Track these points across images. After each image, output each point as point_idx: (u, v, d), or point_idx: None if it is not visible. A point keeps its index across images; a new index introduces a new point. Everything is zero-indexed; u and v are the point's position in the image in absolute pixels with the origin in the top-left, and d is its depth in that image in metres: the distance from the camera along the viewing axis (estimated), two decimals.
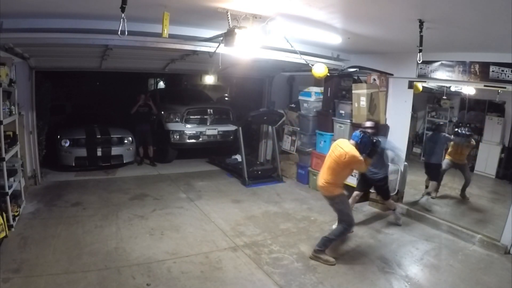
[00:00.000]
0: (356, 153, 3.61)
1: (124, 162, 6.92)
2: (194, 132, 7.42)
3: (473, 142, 5.97)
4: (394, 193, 5.33)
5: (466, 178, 5.94)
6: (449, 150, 5.90)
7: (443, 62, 4.74)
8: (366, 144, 3.69)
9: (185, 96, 8.53)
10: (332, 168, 3.71)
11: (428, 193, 5.73)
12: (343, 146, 3.70)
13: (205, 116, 7.65)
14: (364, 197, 5.56)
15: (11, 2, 2.88)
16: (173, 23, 3.40)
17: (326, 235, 3.82)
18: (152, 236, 4.11)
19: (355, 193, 4.83)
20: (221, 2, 2.98)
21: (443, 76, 4.80)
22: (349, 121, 5.67)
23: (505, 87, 4.21)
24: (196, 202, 5.32)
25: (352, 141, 3.73)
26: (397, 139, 5.44)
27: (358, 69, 5.75)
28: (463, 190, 5.95)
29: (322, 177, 3.78)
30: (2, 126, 3.81)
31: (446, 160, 5.97)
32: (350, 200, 4.62)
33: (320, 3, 2.78)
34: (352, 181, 5.62)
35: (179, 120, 7.38)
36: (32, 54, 5.03)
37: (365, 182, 4.80)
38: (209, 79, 12.86)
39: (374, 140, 3.76)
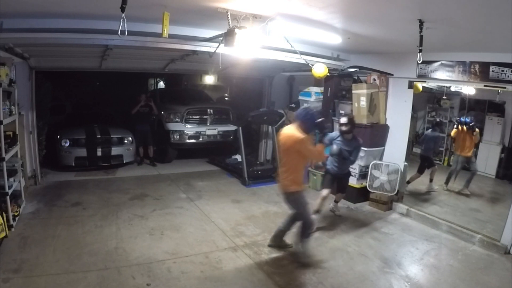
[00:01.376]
0: (297, 133, 3.32)
1: (124, 162, 6.92)
2: (194, 132, 7.41)
3: (477, 131, 6.12)
4: (394, 193, 5.34)
5: (473, 170, 6.20)
6: (456, 145, 6.11)
7: (443, 62, 4.74)
8: (309, 122, 3.39)
9: (185, 96, 8.53)
10: (283, 160, 3.52)
11: (408, 182, 6.03)
12: (285, 131, 3.46)
13: (205, 116, 7.65)
14: (364, 197, 5.58)
15: (11, 2, 2.88)
16: (173, 23, 3.41)
17: (298, 233, 3.67)
18: (152, 236, 4.11)
19: (325, 191, 4.47)
20: (221, 2, 2.98)
21: (443, 76, 4.80)
22: None
23: (505, 87, 4.22)
24: (196, 202, 5.32)
25: (296, 123, 3.45)
26: (397, 139, 5.47)
27: (358, 69, 5.75)
28: (468, 182, 6.18)
29: (280, 173, 3.56)
30: (2, 126, 3.81)
31: (456, 158, 6.21)
32: (319, 201, 4.42)
33: (320, 3, 2.79)
34: (352, 180, 5.64)
35: (179, 120, 7.38)
36: (32, 54, 5.03)
37: (332, 178, 4.62)
38: (209, 79, 12.88)
39: (318, 120, 3.46)
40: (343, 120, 4.47)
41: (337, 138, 4.48)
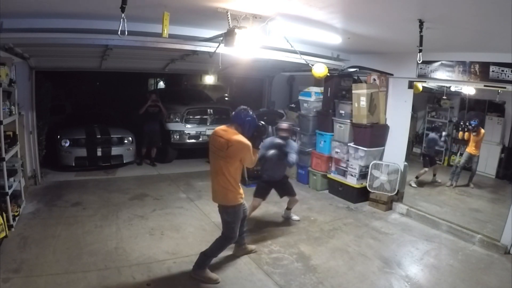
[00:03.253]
0: (241, 137, 2.98)
1: (124, 162, 6.92)
2: (194, 132, 7.42)
3: (482, 131, 6.47)
4: (394, 193, 5.34)
5: (473, 170, 6.57)
6: (468, 145, 6.51)
7: (443, 62, 4.74)
8: (250, 125, 3.09)
9: (185, 96, 8.53)
10: (219, 168, 3.05)
11: (417, 177, 6.63)
12: (222, 134, 3.05)
13: (205, 116, 7.65)
14: (364, 197, 5.59)
15: (11, 2, 2.88)
16: (173, 23, 3.40)
17: (204, 251, 3.27)
18: (152, 236, 4.11)
19: (257, 201, 4.37)
20: (221, 2, 2.98)
21: (443, 76, 4.80)
22: (349, 121, 5.67)
23: (505, 87, 4.21)
24: (196, 202, 5.32)
25: (233, 125, 3.10)
26: (397, 139, 5.47)
27: (358, 69, 5.75)
28: (470, 180, 6.63)
29: (215, 183, 3.15)
30: (2, 126, 3.81)
31: (465, 153, 6.57)
32: (249, 210, 3.98)
33: (320, 3, 2.78)
34: (352, 180, 5.65)
35: (179, 120, 7.38)
36: (32, 54, 5.03)
37: (266, 186, 4.46)
38: (209, 79, 12.88)
39: (260, 124, 3.23)
40: (284, 125, 4.32)
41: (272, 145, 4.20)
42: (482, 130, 6.46)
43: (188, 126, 7.42)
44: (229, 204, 3.13)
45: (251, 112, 3.14)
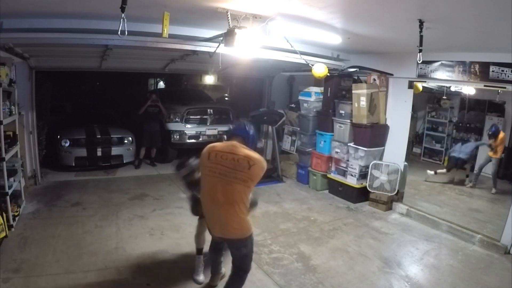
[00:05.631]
0: (258, 155, 2.48)
1: (124, 162, 6.92)
2: (194, 132, 7.42)
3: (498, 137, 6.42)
4: (394, 193, 5.34)
5: (492, 171, 6.53)
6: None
7: (443, 62, 4.74)
8: (253, 141, 2.64)
9: (185, 96, 8.53)
10: (236, 194, 2.41)
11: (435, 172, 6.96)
12: (232, 150, 2.45)
13: (205, 116, 7.65)
14: (364, 197, 5.59)
15: (11, 2, 2.88)
16: (173, 23, 3.40)
17: None
18: (152, 236, 4.11)
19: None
20: (221, 2, 2.98)
21: (443, 76, 4.80)
22: (349, 121, 5.67)
23: (505, 87, 4.22)
24: None
25: (237, 138, 2.58)
26: (397, 139, 5.48)
27: (358, 69, 5.75)
28: (494, 182, 6.53)
29: (227, 214, 2.45)
30: (2, 126, 3.81)
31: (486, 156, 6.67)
32: (202, 226, 3.37)
33: (320, 3, 2.78)
34: (352, 180, 5.65)
35: (179, 120, 7.38)
36: (32, 54, 5.03)
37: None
38: (209, 79, 12.89)
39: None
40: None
41: None
42: (501, 135, 6.40)
43: (188, 126, 7.41)
44: (248, 235, 2.55)
45: (251, 125, 2.70)
